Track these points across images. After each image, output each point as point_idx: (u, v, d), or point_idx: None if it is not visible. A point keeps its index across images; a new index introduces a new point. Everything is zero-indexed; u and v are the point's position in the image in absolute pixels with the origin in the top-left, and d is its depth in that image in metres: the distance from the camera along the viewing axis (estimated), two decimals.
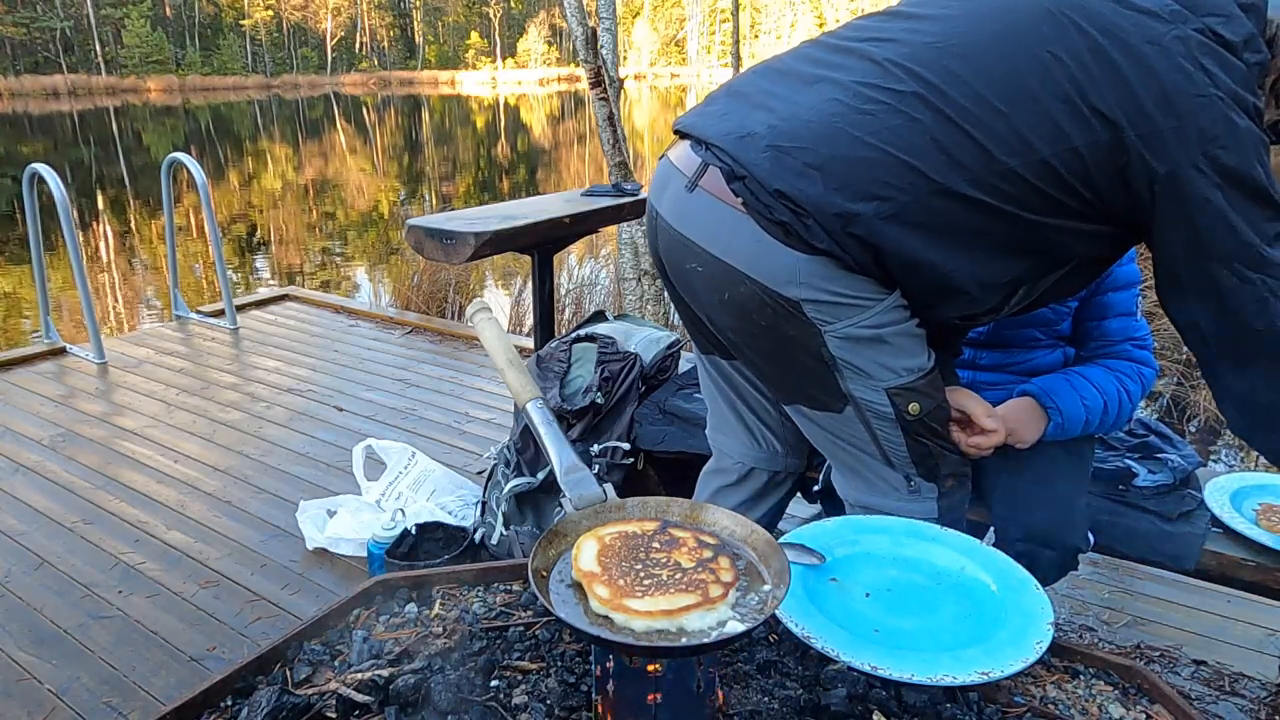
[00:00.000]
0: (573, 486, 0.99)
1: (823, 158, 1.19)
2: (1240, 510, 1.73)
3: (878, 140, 1.18)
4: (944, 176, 1.17)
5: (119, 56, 53.87)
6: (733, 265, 1.26)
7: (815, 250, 1.21)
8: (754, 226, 1.22)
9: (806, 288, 1.23)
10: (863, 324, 1.28)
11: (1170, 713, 0.93)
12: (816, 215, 1.19)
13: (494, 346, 1.17)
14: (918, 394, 1.34)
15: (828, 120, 1.20)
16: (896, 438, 1.38)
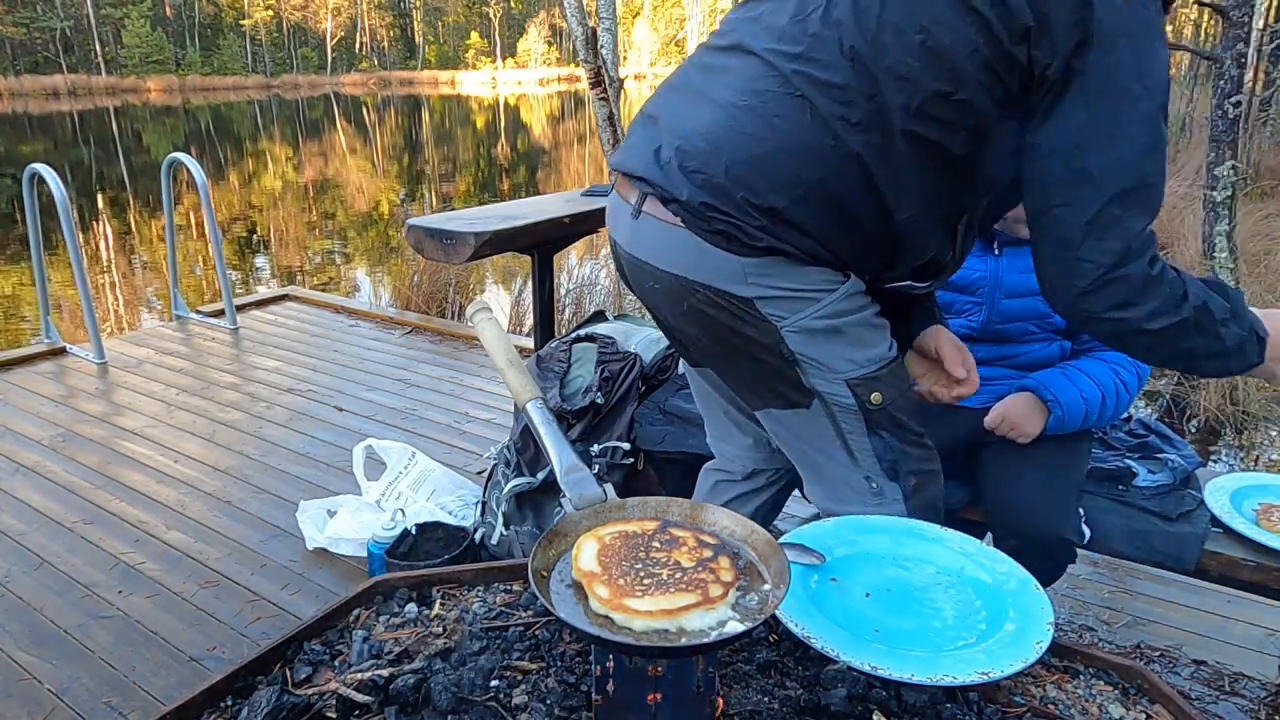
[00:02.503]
0: (573, 486, 0.99)
1: (726, 165, 1.22)
2: (1240, 510, 1.73)
3: (770, 133, 1.21)
4: (845, 140, 1.19)
5: (119, 56, 53.85)
6: (684, 276, 1.30)
7: (759, 251, 1.24)
8: (697, 239, 1.26)
9: (756, 285, 1.27)
10: (817, 316, 1.29)
11: (1170, 713, 0.93)
12: (745, 219, 1.23)
13: (494, 346, 1.17)
14: (879, 384, 1.35)
15: (721, 128, 1.24)
16: (860, 431, 1.39)
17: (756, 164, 1.22)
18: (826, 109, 1.19)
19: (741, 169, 1.22)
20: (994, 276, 1.83)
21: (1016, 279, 1.83)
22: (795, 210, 1.22)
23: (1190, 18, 20.47)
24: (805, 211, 1.23)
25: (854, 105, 1.18)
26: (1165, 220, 7.55)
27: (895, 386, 1.37)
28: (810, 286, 1.28)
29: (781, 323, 1.30)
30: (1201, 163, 6.93)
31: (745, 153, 1.22)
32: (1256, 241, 6.75)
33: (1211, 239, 5.66)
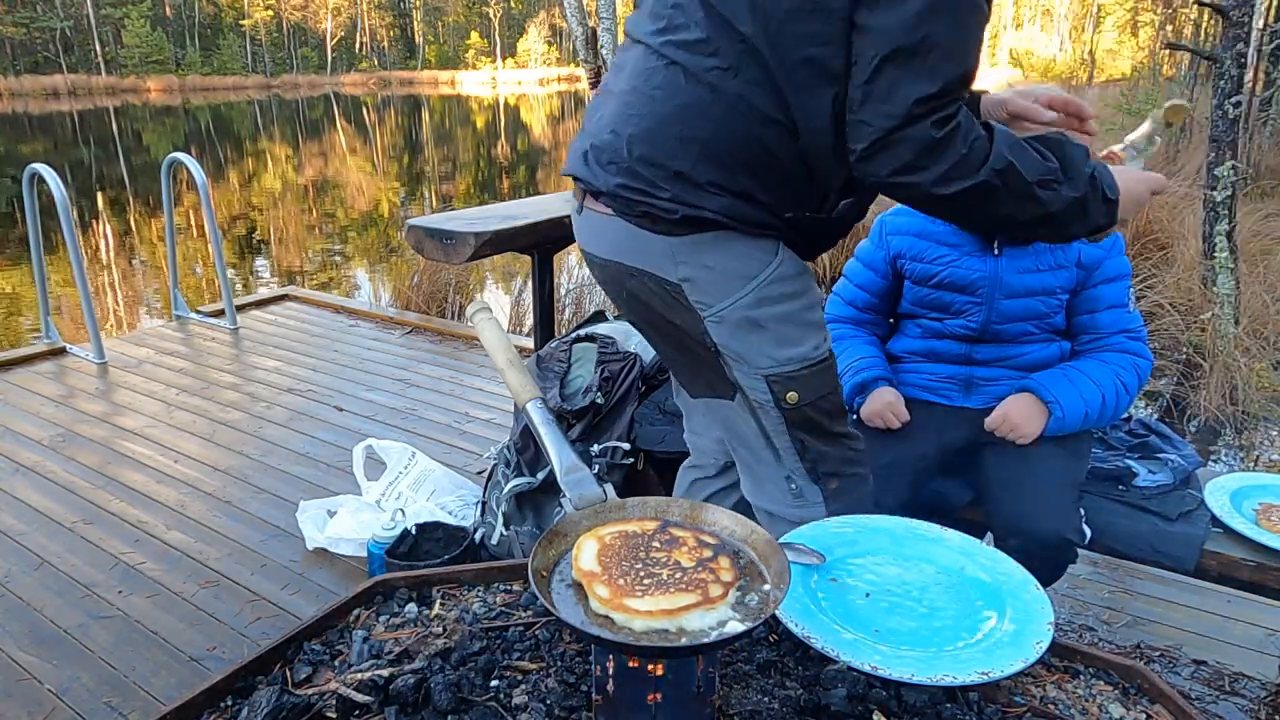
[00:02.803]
0: (573, 486, 0.99)
1: (628, 148, 1.29)
2: (1240, 510, 1.74)
3: (653, 106, 1.27)
4: (723, 88, 1.22)
5: (119, 56, 53.84)
6: (620, 262, 1.37)
7: (680, 226, 1.28)
8: (627, 224, 1.32)
9: (685, 266, 1.31)
10: (739, 307, 1.31)
11: (1170, 713, 0.93)
12: (657, 192, 1.27)
13: (494, 346, 1.17)
14: (796, 383, 1.35)
15: (619, 116, 1.32)
16: (780, 430, 1.40)
17: (650, 138, 1.27)
18: (696, 66, 1.24)
19: (640, 147, 1.28)
20: (994, 277, 1.83)
21: (1016, 279, 1.83)
22: (700, 171, 1.25)
23: (1190, 18, 20.47)
24: (710, 169, 1.25)
25: (721, 53, 1.22)
26: (1165, 220, 7.55)
27: (815, 388, 1.37)
28: (737, 264, 1.30)
29: (705, 312, 1.33)
30: (1201, 163, 6.93)
31: (639, 131, 1.28)
32: (1256, 241, 6.75)
33: (1211, 239, 5.66)
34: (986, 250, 1.84)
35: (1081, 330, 1.89)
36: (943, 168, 1.16)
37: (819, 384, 1.37)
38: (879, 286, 1.99)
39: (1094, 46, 43.10)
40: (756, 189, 1.27)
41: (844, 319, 2.05)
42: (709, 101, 1.24)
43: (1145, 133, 1.38)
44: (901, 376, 1.98)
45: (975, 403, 1.92)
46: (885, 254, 1.95)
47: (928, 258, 1.88)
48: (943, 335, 1.92)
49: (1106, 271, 1.85)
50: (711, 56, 1.23)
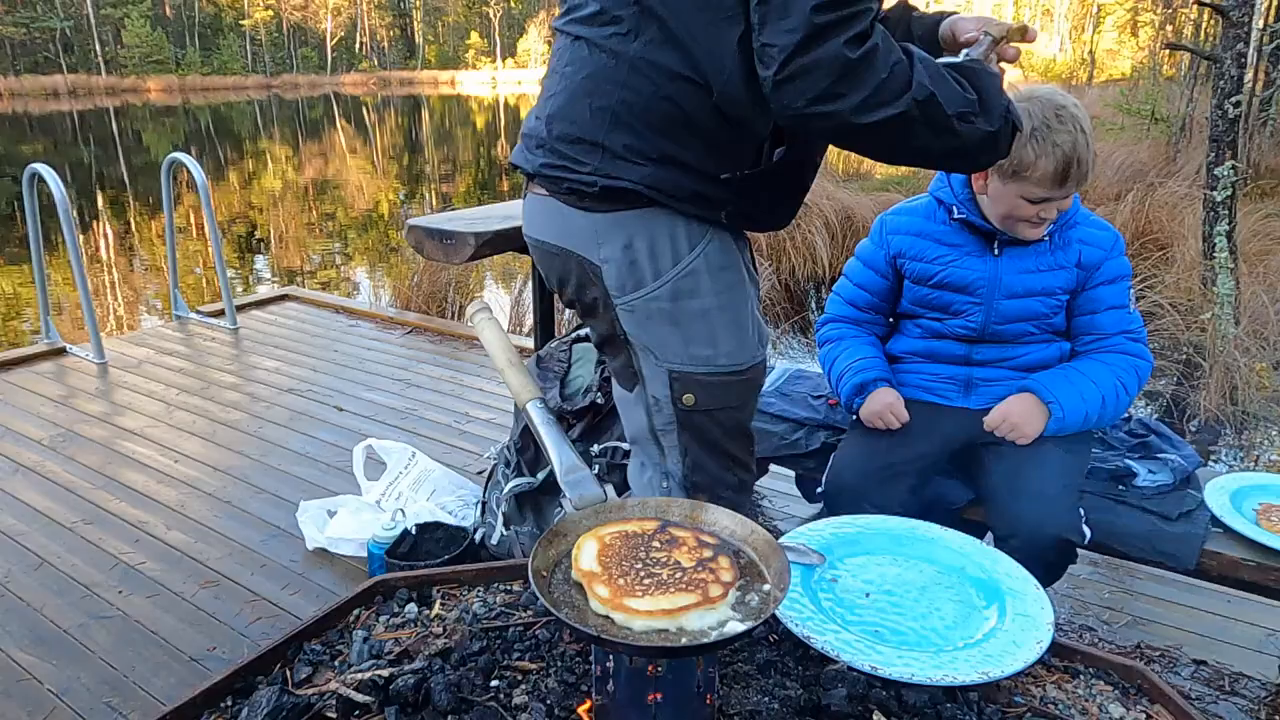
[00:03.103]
0: (573, 486, 0.99)
1: (548, 128, 1.32)
2: (1240, 510, 1.74)
3: (565, 83, 1.30)
4: (624, 52, 1.22)
5: (119, 56, 53.84)
6: (551, 241, 1.37)
7: (601, 200, 1.27)
8: (557, 203, 1.33)
9: (606, 245, 1.30)
10: (651, 299, 1.30)
11: (1170, 713, 0.93)
12: (578, 166, 1.27)
13: (494, 346, 1.17)
14: (698, 386, 1.32)
15: (542, 102, 1.36)
16: (671, 430, 1.37)
17: (564, 114, 1.29)
18: (596, 36, 1.25)
19: (557, 125, 1.30)
20: (993, 277, 1.83)
21: (1016, 279, 1.83)
22: (615, 139, 1.24)
23: (1190, 18, 20.47)
24: (625, 135, 1.24)
25: (618, 20, 1.22)
26: (1165, 220, 7.56)
27: (718, 398, 1.33)
28: (657, 249, 1.28)
29: (617, 299, 1.32)
30: (1201, 163, 6.93)
31: (555, 109, 1.31)
32: (1256, 241, 6.75)
33: (1211, 239, 5.66)
34: (986, 250, 1.84)
35: (1082, 331, 1.89)
36: (862, 93, 1.10)
37: (724, 395, 1.33)
38: (879, 286, 1.99)
39: (1094, 46, 43.09)
40: (679, 151, 1.24)
41: (844, 318, 2.05)
42: (612, 67, 1.23)
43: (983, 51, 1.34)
44: (901, 377, 1.98)
45: (975, 403, 1.92)
46: (885, 253, 1.95)
47: (927, 257, 1.88)
48: (942, 335, 1.93)
49: (1107, 273, 1.85)
50: (609, 25, 1.23)
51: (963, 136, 1.17)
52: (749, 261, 1.43)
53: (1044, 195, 1.70)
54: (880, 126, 1.12)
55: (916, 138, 1.15)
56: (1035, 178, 1.68)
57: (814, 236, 7.91)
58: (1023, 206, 1.73)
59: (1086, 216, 1.87)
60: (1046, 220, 1.76)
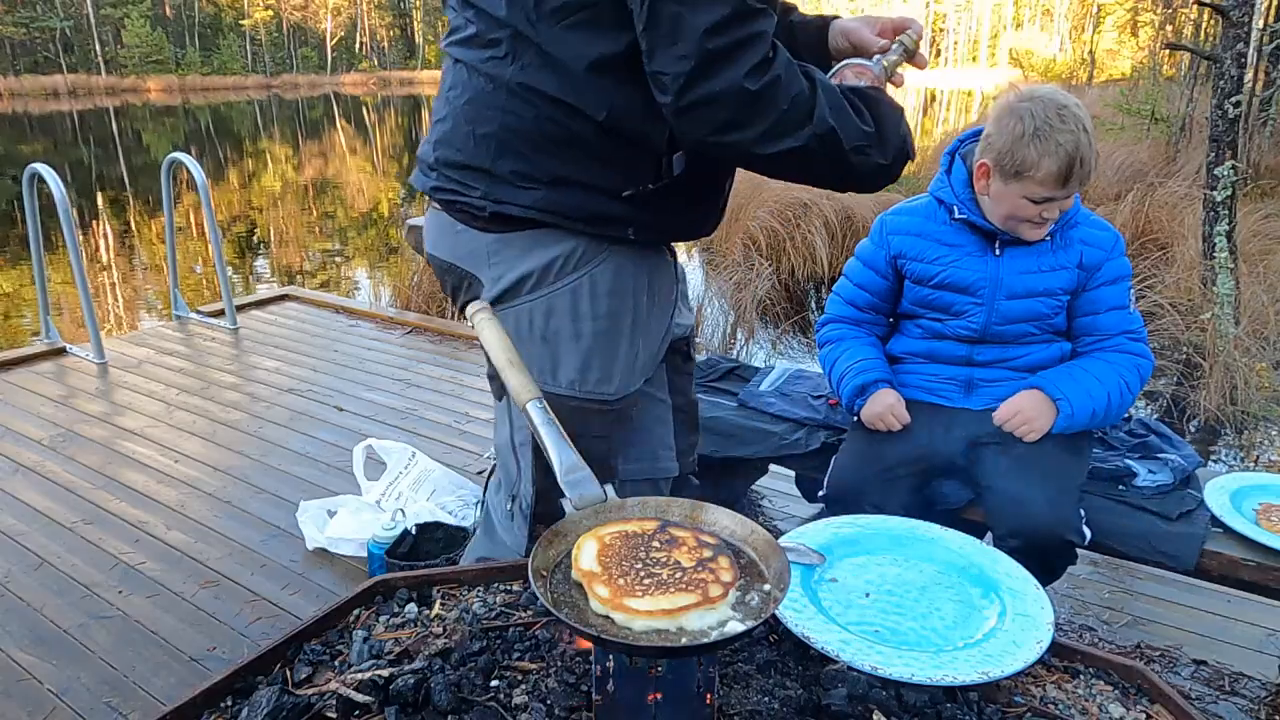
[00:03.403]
0: (573, 486, 0.99)
1: (435, 153, 1.30)
2: (1240, 510, 1.74)
3: (449, 106, 1.28)
4: (502, 77, 1.19)
5: (119, 56, 53.83)
6: (443, 258, 1.36)
7: (491, 223, 1.25)
8: (450, 219, 1.31)
9: (495, 266, 1.28)
10: (523, 310, 1.27)
11: (1170, 713, 0.93)
12: (468, 190, 1.26)
13: (494, 346, 1.16)
14: (555, 408, 1.24)
15: (432, 124, 1.34)
16: (527, 448, 1.34)
17: (448, 140, 1.27)
18: (474, 60, 1.22)
19: (441, 150, 1.28)
20: (994, 278, 1.83)
21: (1017, 280, 1.83)
22: (501, 165, 1.22)
23: (1190, 18, 20.47)
24: (511, 161, 1.21)
25: (495, 44, 1.19)
26: (1165, 220, 7.56)
27: (574, 425, 1.24)
28: (542, 264, 1.25)
29: (495, 308, 1.27)
30: (1201, 163, 6.93)
31: (440, 135, 1.29)
32: (1256, 241, 6.75)
33: (1211, 239, 5.66)
34: (987, 250, 1.84)
35: (1084, 332, 1.89)
36: (763, 126, 1.08)
37: (584, 423, 1.25)
38: (879, 286, 1.98)
39: (1094, 46, 43.10)
40: (571, 172, 1.20)
41: (844, 319, 2.05)
42: (490, 92, 1.20)
43: (895, 60, 1.33)
44: (901, 377, 1.98)
45: (976, 404, 1.92)
46: (885, 253, 1.95)
47: (928, 257, 1.88)
48: (943, 336, 1.92)
49: (1108, 273, 1.85)
50: (487, 48, 1.20)
51: (856, 168, 1.17)
52: (660, 290, 1.36)
53: (1047, 195, 1.70)
54: (779, 156, 1.11)
55: (813, 167, 1.16)
56: (1038, 178, 1.68)
57: (814, 236, 7.91)
58: (1025, 207, 1.73)
59: (1087, 216, 1.87)
60: (1049, 220, 1.77)
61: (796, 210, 8.14)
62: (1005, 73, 47.24)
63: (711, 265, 7.94)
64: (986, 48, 71.50)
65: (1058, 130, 1.65)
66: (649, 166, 1.22)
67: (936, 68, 69.69)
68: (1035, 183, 1.69)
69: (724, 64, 1.04)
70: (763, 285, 6.52)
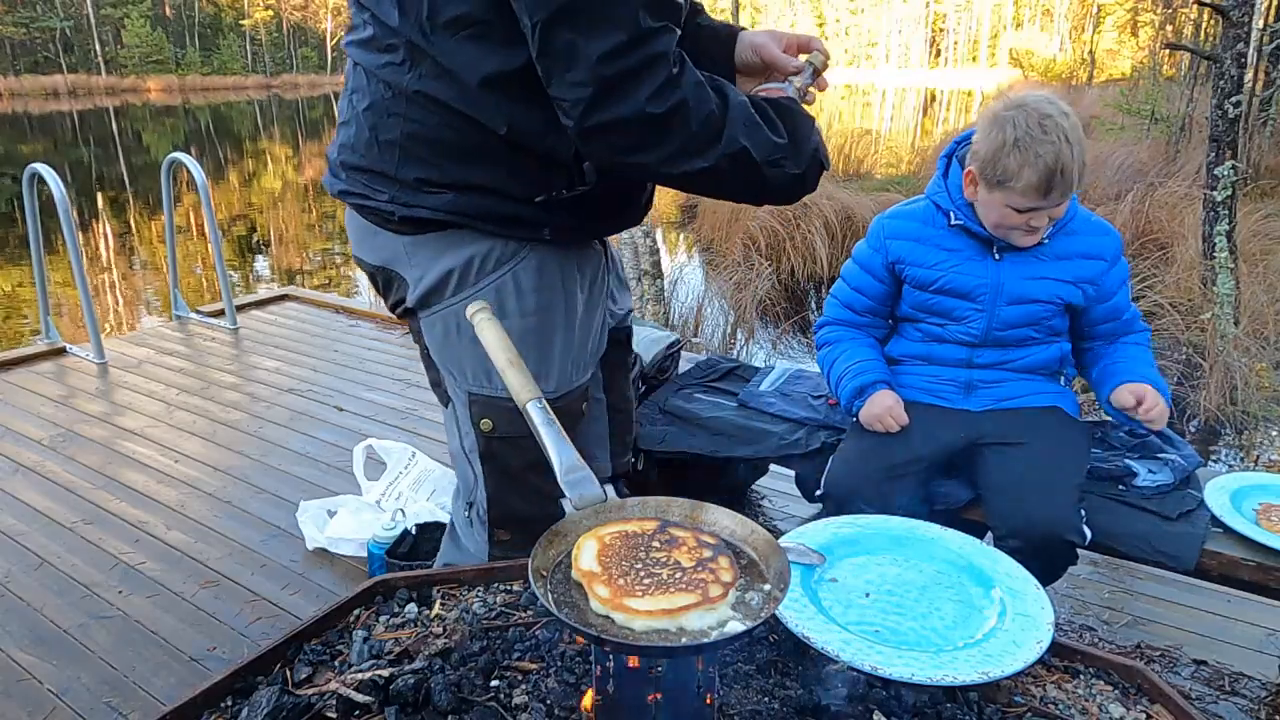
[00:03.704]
0: (573, 486, 0.99)
1: (340, 157, 1.27)
2: (1240, 510, 1.74)
3: (351, 110, 1.24)
4: (400, 83, 1.16)
5: (119, 56, 53.80)
6: (368, 260, 1.33)
7: (404, 226, 1.23)
8: (365, 221, 1.29)
9: (417, 267, 1.26)
10: (450, 312, 1.25)
11: (1170, 712, 0.93)
12: (376, 196, 1.23)
13: (494, 346, 1.16)
14: (495, 412, 1.26)
15: (339, 129, 1.30)
16: (475, 453, 1.33)
17: (352, 146, 1.24)
18: (372, 65, 1.19)
19: (345, 154, 1.26)
20: (994, 283, 1.82)
21: (1018, 286, 1.82)
22: (406, 171, 1.19)
23: (1190, 18, 20.47)
24: (415, 168, 1.19)
25: (392, 49, 1.16)
26: (1165, 220, 7.56)
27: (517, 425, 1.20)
28: (463, 264, 1.23)
29: (423, 314, 1.28)
30: (1201, 163, 6.93)
31: (344, 139, 1.26)
32: (1256, 241, 6.75)
33: (1211, 239, 5.67)
34: (986, 255, 1.83)
35: (1114, 332, 1.91)
36: (670, 149, 1.07)
37: (524, 424, 1.20)
38: (877, 291, 1.97)
39: (1094, 46, 43.10)
40: (479, 178, 1.18)
41: (841, 321, 2.04)
42: (390, 99, 1.17)
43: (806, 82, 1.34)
44: (900, 379, 1.97)
45: (976, 405, 1.92)
46: (883, 259, 1.93)
47: (927, 263, 1.87)
48: (943, 340, 1.92)
49: (1113, 281, 1.86)
50: (384, 53, 1.16)
51: (770, 181, 1.15)
52: (590, 279, 1.34)
53: (1029, 205, 1.69)
54: (689, 175, 1.10)
55: (725, 185, 1.15)
56: (1019, 188, 1.67)
57: (813, 236, 7.91)
58: (1010, 215, 1.73)
59: (1086, 220, 1.85)
60: (1039, 229, 1.76)
61: (796, 210, 8.14)
62: (1005, 73, 47.26)
63: (711, 265, 7.95)
64: (986, 48, 71.51)
65: (1038, 141, 1.64)
66: (560, 175, 1.20)
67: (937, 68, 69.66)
68: (1017, 193, 1.68)
69: (623, 90, 1.02)
70: (763, 285, 6.52)
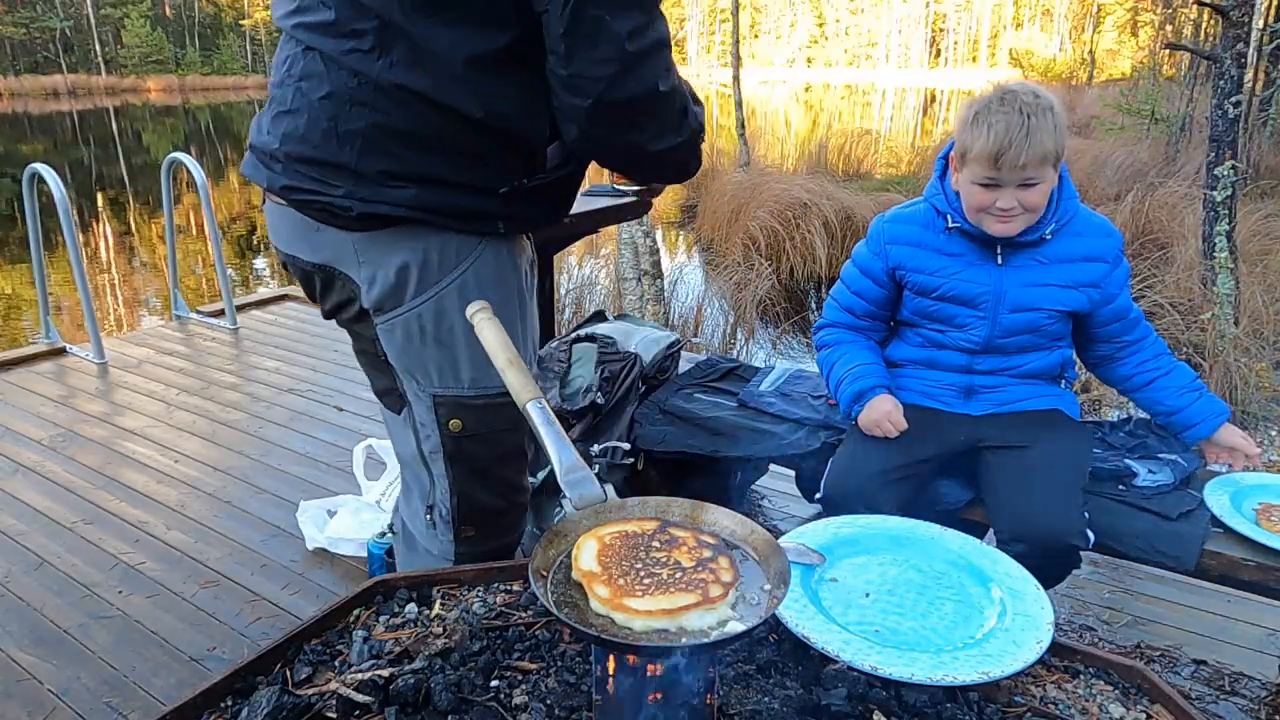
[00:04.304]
0: (573, 486, 0.99)
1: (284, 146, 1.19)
2: (1240, 510, 1.73)
3: (303, 99, 1.16)
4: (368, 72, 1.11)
5: (119, 56, 53.80)
6: (306, 259, 1.27)
7: (361, 223, 1.18)
8: (310, 220, 1.22)
9: (368, 265, 1.20)
10: (412, 316, 1.21)
11: (1170, 713, 0.93)
12: (329, 190, 1.17)
13: (494, 346, 1.16)
14: (466, 410, 1.24)
15: (272, 112, 1.22)
16: (439, 456, 1.30)
17: (302, 136, 1.17)
18: (333, 50, 1.12)
19: (293, 145, 1.17)
20: (997, 290, 1.81)
21: (1021, 293, 1.80)
22: (367, 164, 1.14)
23: (1190, 18, 20.47)
24: (379, 160, 1.14)
25: (359, 35, 1.10)
26: (1165, 220, 7.55)
27: (487, 422, 1.25)
28: (422, 265, 1.19)
29: (379, 319, 1.24)
30: (1201, 163, 6.93)
31: (290, 128, 1.18)
32: (1256, 241, 6.75)
33: (1211, 239, 5.66)
34: (989, 259, 1.81)
35: (1125, 330, 1.91)
36: (661, 125, 1.11)
37: (495, 419, 1.24)
38: (877, 295, 1.95)
39: (1094, 46, 43.09)
40: (444, 171, 1.15)
41: (841, 324, 2.02)
42: (355, 88, 1.11)
43: None
44: (901, 381, 1.96)
45: (976, 409, 1.91)
46: (884, 264, 1.91)
47: (929, 269, 1.85)
48: (944, 346, 1.90)
49: (1115, 283, 1.86)
50: (348, 38, 1.10)
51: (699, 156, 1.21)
52: (527, 269, 1.34)
53: (985, 177, 1.69)
54: (666, 152, 1.13)
55: (683, 161, 1.18)
56: (972, 157, 1.70)
57: (813, 236, 7.91)
58: (976, 193, 1.72)
59: (1087, 222, 1.83)
60: (1010, 214, 1.71)
61: (796, 210, 8.14)
62: (1005, 73, 47.29)
63: (711, 265, 7.95)
64: (986, 48, 71.52)
65: (994, 112, 1.66)
66: (526, 163, 1.20)
67: (937, 67, 69.65)
68: (973, 163, 1.70)
69: (641, 68, 1.06)
70: (763, 285, 6.52)
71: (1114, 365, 1.94)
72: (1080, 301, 1.82)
